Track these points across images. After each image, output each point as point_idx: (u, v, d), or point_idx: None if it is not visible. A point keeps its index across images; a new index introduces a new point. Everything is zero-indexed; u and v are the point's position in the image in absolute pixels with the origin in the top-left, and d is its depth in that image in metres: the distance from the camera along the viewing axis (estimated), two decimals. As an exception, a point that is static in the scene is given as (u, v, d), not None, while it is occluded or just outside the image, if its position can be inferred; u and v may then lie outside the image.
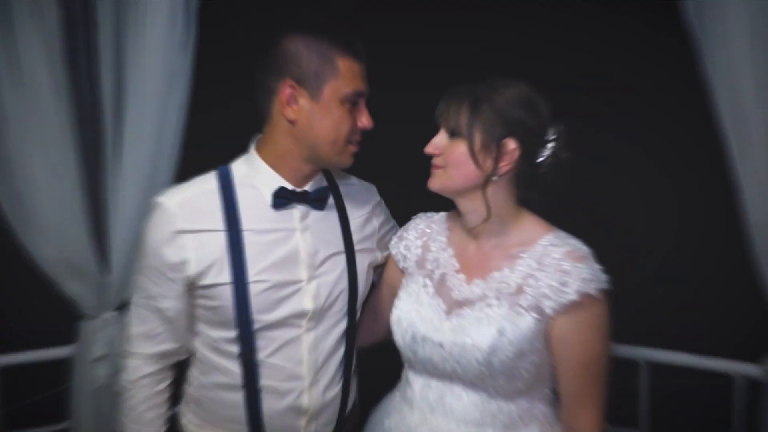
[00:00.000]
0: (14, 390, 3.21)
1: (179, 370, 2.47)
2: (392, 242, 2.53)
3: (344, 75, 2.20)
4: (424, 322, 2.28)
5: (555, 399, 2.31)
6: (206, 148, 3.18)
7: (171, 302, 2.27)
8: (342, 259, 2.43)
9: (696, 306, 3.77)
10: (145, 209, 2.91)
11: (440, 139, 2.25)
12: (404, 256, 2.47)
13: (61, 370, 3.23)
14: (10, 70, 2.82)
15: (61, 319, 3.23)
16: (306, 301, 2.32)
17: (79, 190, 2.97)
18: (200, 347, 2.36)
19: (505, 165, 2.18)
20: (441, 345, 2.23)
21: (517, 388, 2.21)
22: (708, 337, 3.18)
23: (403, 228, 2.54)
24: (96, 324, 3.10)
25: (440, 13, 3.88)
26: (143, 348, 2.35)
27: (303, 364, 2.34)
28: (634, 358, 3.17)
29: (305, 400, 2.34)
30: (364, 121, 2.28)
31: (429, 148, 2.26)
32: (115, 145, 2.99)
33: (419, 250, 2.45)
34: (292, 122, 2.22)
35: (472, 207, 2.27)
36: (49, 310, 3.36)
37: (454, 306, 2.28)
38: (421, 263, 2.42)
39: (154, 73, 2.90)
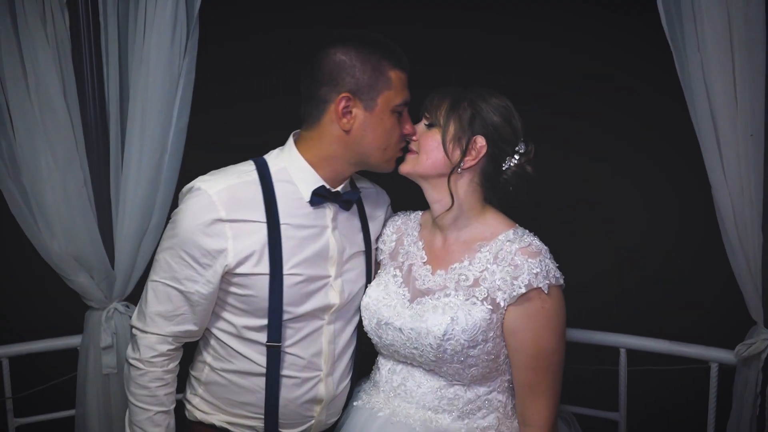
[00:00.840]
0: (23, 378, 3.29)
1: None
2: None
3: (395, 86, 2.34)
4: (388, 308, 2.43)
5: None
6: (205, 147, 3.19)
7: (198, 286, 2.28)
8: (363, 258, 2.57)
9: (696, 306, 3.75)
10: (150, 206, 3.06)
11: (419, 127, 2.44)
12: (381, 250, 2.65)
13: (69, 358, 3.30)
14: (18, 70, 2.90)
15: (67, 309, 3.31)
16: (332, 296, 2.44)
17: (84, 186, 3.03)
18: (219, 333, 2.41)
19: (470, 159, 2.35)
20: (401, 330, 2.38)
21: (473, 375, 2.34)
22: (708, 336, 3.16)
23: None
24: (102, 315, 3.16)
25: (440, 13, 3.87)
26: (160, 327, 2.33)
27: (322, 355, 2.45)
28: (613, 345, 3.24)
29: (321, 390, 2.46)
30: (408, 128, 2.42)
31: None
32: (120, 144, 3.04)
33: (393, 244, 2.63)
34: (345, 131, 2.31)
35: (437, 196, 2.43)
36: (55, 301, 3.42)
37: (417, 294, 2.43)
38: (393, 255, 2.60)
39: (157, 73, 2.93)
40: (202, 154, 3.09)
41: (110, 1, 2.91)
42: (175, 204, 2.98)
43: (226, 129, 3.79)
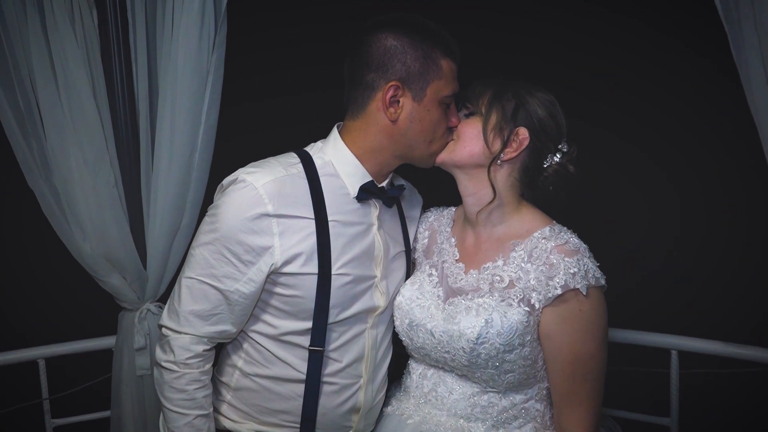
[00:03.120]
0: (59, 379, 3.25)
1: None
2: None
3: (446, 76, 2.20)
4: (421, 309, 2.32)
5: None
6: (234, 144, 3.17)
7: (238, 285, 2.14)
8: (404, 258, 2.47)
9: (697, 306, 3.79)
10: (181, 205, 3.04)
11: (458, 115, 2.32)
12: (415, 248, 2.54)
13: (104, 359, 3.28)
14: (47, 70, 2.84)
15: (102, 310, 3.29)
16: (377, 298, 2.32)
17: (115, 186, 2.99)
18: (256, 336, 2.26)
19: (511, 151, 2.23)
20: (432, 333, 2.26)
21: (508, 381, 2.22)
22: (712, 334, 3.19)
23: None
24: (135, 316, 3.14)
25: (440, 14, 3.88)
26: (195, 328, 2.18)
27: (363, 360, 2.33)
28: (663, 347, 3.03)
29: (361, 397, 2.34)
30: (455, 120, 2.29)
31: None
32: (150, 142, 3.01)
33: (426, 241, 2.52)
34: (392, 121, 2.19)
35: (472, 188, 2.31)
36: (90, 302, 3.40)
37: (451, 294, 2.31)
38: (428, 254, 2.48)
39: (186, 70, 2.89)
40: (233, 150, 3.06)
41: (137, -2, 2.87)
42: (207, 202, 2.97)
43: (256, 124, 3.74)
